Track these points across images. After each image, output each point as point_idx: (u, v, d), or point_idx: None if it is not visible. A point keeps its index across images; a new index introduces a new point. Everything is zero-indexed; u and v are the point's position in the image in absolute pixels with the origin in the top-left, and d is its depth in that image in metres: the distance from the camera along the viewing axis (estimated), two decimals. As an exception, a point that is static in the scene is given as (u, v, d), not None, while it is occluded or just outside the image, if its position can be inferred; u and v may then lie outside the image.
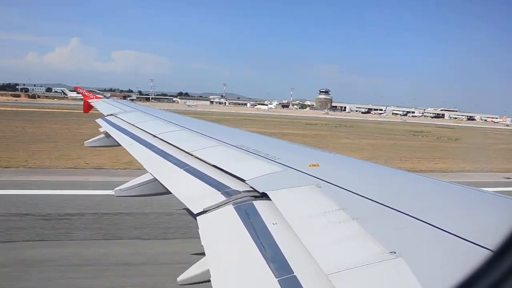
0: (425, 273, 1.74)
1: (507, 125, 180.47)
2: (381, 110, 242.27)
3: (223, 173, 3.70)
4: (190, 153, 4.62)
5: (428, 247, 2.00)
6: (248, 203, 2.90)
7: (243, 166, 3.78)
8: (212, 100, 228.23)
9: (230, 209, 2.87)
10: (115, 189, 4.53)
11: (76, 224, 12.60)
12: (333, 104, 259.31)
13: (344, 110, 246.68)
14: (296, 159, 3.96)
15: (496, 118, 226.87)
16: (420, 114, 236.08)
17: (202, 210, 2.93)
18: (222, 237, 2.62)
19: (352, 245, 2.10)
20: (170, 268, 8.80)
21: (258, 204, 2.83)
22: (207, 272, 2.21)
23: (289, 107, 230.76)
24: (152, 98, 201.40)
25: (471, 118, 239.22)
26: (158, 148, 5.26)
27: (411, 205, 2.49)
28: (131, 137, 6.60)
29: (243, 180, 3.33)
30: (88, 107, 13.90)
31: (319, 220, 2.41)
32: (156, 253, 10.88)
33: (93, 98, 14.78)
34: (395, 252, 1.89)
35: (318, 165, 3.58)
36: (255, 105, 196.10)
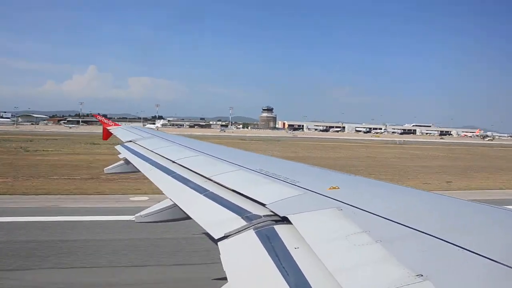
0: None
1: (482, 138, 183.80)
2: (338, 127, 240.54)
3: (243, 197, 3.69)
4: (209, 178, 4.65)
5: (456, 269, 1.95)
6: (269, 227, 2.88)
7: (262, 190, 3.78)
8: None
9: (251, 233, 2.85)
10: (135, 215, 4.57)
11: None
12: (289, 123, 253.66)
13: (302, 129, 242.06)
14: (316, 182, 3.94)
15: (472, 132, 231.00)
16: (383, 130, 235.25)
17: (223, 235, 2.93)
18: (244, 262, 2.60)
19: (377, 268, 2.06)
20: None
21: (279, 228, 2.81)
22: None
23: (228, 127, 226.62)
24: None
25: (446, 133, 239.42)
26: (177, 174, 5.31)
27: (435, 226, 2.44)
28: (150, 163, 6.68)
29: (263, 205, 3.32)
30: (107, 134, 14.18)
31: (341, 243, 2.38)
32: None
33: (112, 126, 15.10)
34: (422, 275, 1.85)
35: (338, 188, 3.56)
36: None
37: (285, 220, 2.91)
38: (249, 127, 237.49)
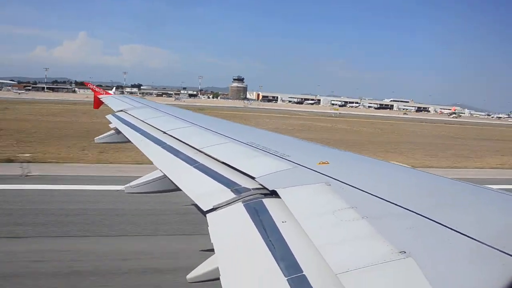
0: (436, 274, 1.72)
1: (449, 115, 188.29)
2: (313, 100, 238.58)
3: (232, 170, 3.70)
4: (200, 150, 4.64)
5: (439, 247, 1.98)
6: (257, 200, 2.90)
7: (252, 163, 3.79)
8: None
9: (239, 206, 2.87)
10: (125, 185, 4.57)
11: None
12: (263, 94, 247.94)
13: (276, 100, 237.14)
14: (306, 156, 3.95)
15: (449, 109, 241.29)
16: (358, 104, 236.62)
17: (212, 207, 2.94)
18: (232, 235, 2.62)
19: (362, 244, 2.09)
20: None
21: (268, 202, 2.83)
22: (217, 270, 2.22)
23: (197, 96, 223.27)
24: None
25: (424, 109, 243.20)
26: (168, 145, 5.28)
27: (422, 204, 2.46)
28: (141, 133, 6.64)
29: (252, 178, 3.33)
30: (98, 103, 13.98)
31: (328, 218, 2.40)
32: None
33: (103, 94, 14.87)
34: (405, 252, 1.88)
35: (327, 163, 3.57)
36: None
37: (274, 193, 2.93)
38: (219, 97, 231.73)
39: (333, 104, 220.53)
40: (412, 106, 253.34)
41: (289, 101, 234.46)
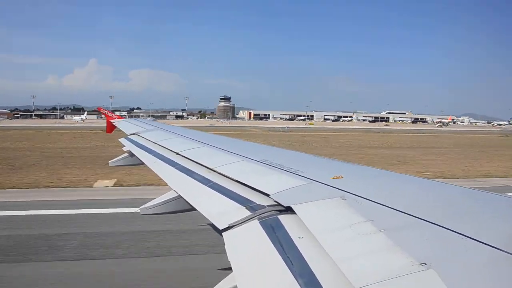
0: (457, 284, 1.70)
1: (435, 125, 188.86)
2: (304, 116, 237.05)
3: (247, 188, 3.71)
4: (213, 169, 4.66)
5: (460, 257, 1.95)
6: (273, 217, 2.89)
7: (266, 180, 3.79)
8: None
9: (255, 224, 2.87)
10: (140, 207, 4.61)
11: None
12: (255, 112, 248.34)
13: (268, 118, 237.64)
14: (320, 171, 3.95)
15: (445, 119, 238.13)
16: (350, 118, 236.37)
17: (228, 225, 2.95)
18: (249, 253, 2.62)
19: (381, 257, 2.07)
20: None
21: (283, 218, 2.83)
22: None
23: (183, 117, 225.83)
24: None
25: (421, 120, 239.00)
26: (181, 165, 5.33)
27: (439, 214, 2.44)
28: (154, 155, 6.71)
29: (267, 195, 3.34)
30: (111, 127, 14.19)
31: (345, 232, 2.39)
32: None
33: (115, 118, 15.11)
34: (425, 264, 1.86)
35: (341, 177, 3.56)
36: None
37: (289, 210, 2.92)
38: (206, 117, 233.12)
39: (326, 119, 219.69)
40: (409, 118, 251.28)
41: (281, 118, 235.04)
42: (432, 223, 2.30)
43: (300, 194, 3.22)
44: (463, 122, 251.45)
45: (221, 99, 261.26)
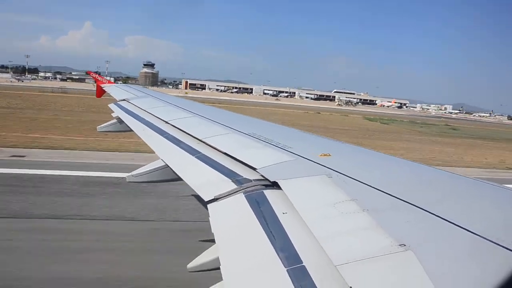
0: (434, 267, 1.73)
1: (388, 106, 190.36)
2: (242, 89, 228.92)
3: (234, 161, 3.71)
4: (202, 140, 4.64)
5: (439, 241, 1.99)
6: (258, 191, 2.90)
7: (254, 154, 3.79)
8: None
9: (240, 197, 2.88)
10: (127, 174, 4.59)
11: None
12: (191, 82, 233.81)
13: (203, 88, 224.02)
14: (308, 148, 3.95)
15: (389, 101, 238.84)
16: (287, 94, 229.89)
17: (213, 197, 2.95)
18: (232, 226, 2.64)
19: (362, 236, 2.10)
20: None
21: (269, 193, 2.84)
22: (217, 260, 2.23)
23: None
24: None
25: (370, 102, 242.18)
26: (170, 135, 5.29)
27: (423, 198, 2.47)
28: (143, 123, 6.64)
29: (254, 169, 3.34)
30: (100, 92, 13.95)
31: (329, 210, 2.41)
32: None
33: (105, 83, 14.84)
34: (404, 245, 1.89)
35: (329, 155, 3.57)
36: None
37: (275, 185, 2.93)
38: (128, 82, 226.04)
39: (265, 94, 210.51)
40: (356, 98, 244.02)
41: (217, 89, 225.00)
42: (416, 206, 2.32)
43: (287, 170, 3.22)
44: (415, 107, 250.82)
45: (144, 65, 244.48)
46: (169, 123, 5.95)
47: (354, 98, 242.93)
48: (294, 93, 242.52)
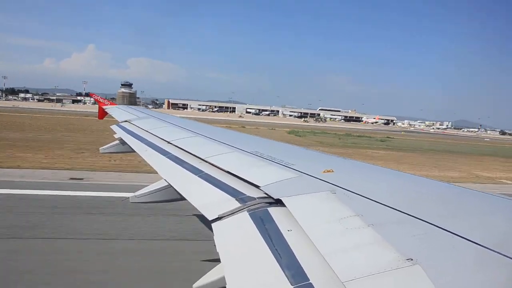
0: (443, 281, 1.72)
1: (372, 123, 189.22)
2: (225, 108, 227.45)
3: (237, 179, 3.70)
4: (205, 159, 4.64)
5: (445, 254, 1.97)
6: (263, 209, 2.89)
7: (257, 172, 3.79)
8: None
9: (245, 216, 2.87)
10: (131, 195, 4.58)
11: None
12: (173, 102, 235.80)
13: (186, 108, 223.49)
14: (310, 165, 3.95)
15: (374, 118, 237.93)
16: (268, 112, 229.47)
17: (217, 216, 2.94)
18: (237, 244, 2.62)
19: (368, 252, 2.09)
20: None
21: (273, 211, 2.83)
22: (223, 279, 2.21)
23: (81, 102, 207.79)
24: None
25: (356, 119, 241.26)
26: (173, 155, 5.30)
27: (427, 212, 2.46)
28: (145, 143, 6.66)
29: (257, 187, 3.33)
30: (103, 114, 14.04)
31: (334, 226, 2.40)
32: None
33: (108, 105, 14.95)
34: (412, 259, 1.87)
35: (332, 171, 3.57)
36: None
37: (279, 202, 2.93)
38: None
39: (248, 112, 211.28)
40: (341, 115, 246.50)
41: (198, 109, 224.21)
42: (421, 219, 2.31)
43: (290, 187, 3.22)
44: (403, 124, 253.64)
45: (122, 85, 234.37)
46: (171, 143, 5.97)
47: (339, 115, 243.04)
48: (278, 111, 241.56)
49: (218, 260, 2.40)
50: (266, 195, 3.12)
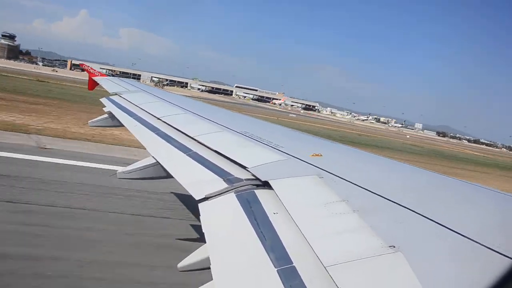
0: (423, 269, 1.75)
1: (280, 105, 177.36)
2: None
3: (225, 159, 3.69)
4: (194, 137, 4.62)
5: (428, 242, 2.01)
6: (250, 191, 2.90)
7: (246, 153, 3.78)
8: None
9: (232, 197, 2.87)
10: (118, 171, 4.56)
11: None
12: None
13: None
14: (299, 147, 3.95)
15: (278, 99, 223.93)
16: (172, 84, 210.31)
17: (204, 197, 2.95)
18: (223, 226, 2.64)
19: (352, 237, 2.11)
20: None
21: (260, 193, 2.84)
22: (207, 260, 2.23)
23: None
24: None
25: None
26: (162, 131, 5.26)
27: (413, 200, 2.48)
28: (135, 118, 6.59)
29: (245, 168, 3.33)
30: (93, 84, 13.79)
31: (320, 211, 2.42)
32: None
33: (98, 76, 14.68)
34: (394, 246, 1.90)
35: (321, 155, 3.57)
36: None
37: (266, 184, 2.93)
38: None
39: (152, 80, 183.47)
40: (254, 95, 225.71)
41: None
42: (406, 207, 2.34)
43: (278, 169, 3.22)
44: (325, 111, 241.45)
45: (2, 35, 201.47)
46: (161, 120, 5.91)
47: (253, 94, 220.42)
48: (187, 83, 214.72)
49: (203, 240, 2.42)
50: (253, 177, 3.13)
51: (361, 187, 2.70)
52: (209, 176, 3.39)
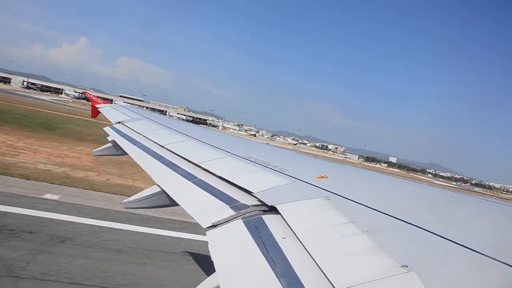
0: (438, 287, 1.73)
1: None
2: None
3: (231, 185, 3.69)
4: (198, 164, 4.63)
5: (440, 260, 1.98)
6: (257, 217, 2.89)
7: (251, 178, 3.78)
8: None
9: (239, 223, 2.86)
10: (123, 201, 4.56)
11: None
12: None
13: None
14: (304, 170, 3.95)
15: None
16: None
17: (211, 224, 2.93)
18: (232, 253, 2.61)
19: (363, 259, 2.09)
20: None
21: (267, 218, 2.83)
22: None
23: None
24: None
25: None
26: (166, 159, 5.27)
27: (422, 217, 2.47)
28: (139, 147, 6.63)
29: (251, 193, 3.33)
30: (95, 113, 13.93)
31: (329, 233, 2.40)
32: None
33: (101, 104, 14.83)
34: (407, 266, 1.88)
35: (326, 177, 3.57)
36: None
37: (273, 209, 2.92)
38: None
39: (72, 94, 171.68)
40: (144, 106, 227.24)
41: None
42: (415, 225, 2.32)
43: (284, 193, 3.21)
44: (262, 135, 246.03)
45: None
46: (165, 147, 5.94)
47: (143, 105, 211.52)
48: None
49: (213, 269, 2.40)
50: (260, 202, 3.12)
51: (369, 207, 2.69)
52: (215, 203, 3.38)
